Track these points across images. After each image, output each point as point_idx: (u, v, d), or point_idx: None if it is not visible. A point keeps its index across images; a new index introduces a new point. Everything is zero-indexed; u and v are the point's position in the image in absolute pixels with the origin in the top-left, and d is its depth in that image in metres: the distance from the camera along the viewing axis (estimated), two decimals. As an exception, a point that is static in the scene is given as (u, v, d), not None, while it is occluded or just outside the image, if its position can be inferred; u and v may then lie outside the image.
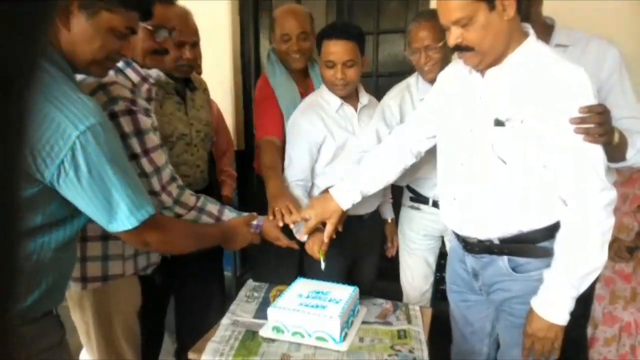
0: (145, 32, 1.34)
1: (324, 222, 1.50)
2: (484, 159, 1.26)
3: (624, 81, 1.41)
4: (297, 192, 1.70)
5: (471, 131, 1.29)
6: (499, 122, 1.22)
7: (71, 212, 1.01)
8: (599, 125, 1.12)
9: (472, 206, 1.32)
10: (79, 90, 0.98)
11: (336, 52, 1.62)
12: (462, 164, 1.33)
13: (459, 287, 1.50)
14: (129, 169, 1.07)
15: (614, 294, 1.98)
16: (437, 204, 1.67)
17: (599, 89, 1.33)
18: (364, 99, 1.79)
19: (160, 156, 1.34)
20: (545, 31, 1.47)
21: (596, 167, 1.15)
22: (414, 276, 1.97)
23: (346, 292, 1.41)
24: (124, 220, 1.05)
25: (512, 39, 1.18)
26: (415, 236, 1.93)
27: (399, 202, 2.03)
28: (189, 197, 1.41)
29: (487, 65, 1.22)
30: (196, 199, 1.44)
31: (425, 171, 1.75)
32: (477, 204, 1.31)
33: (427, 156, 1.57)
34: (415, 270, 1.97)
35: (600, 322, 2.00)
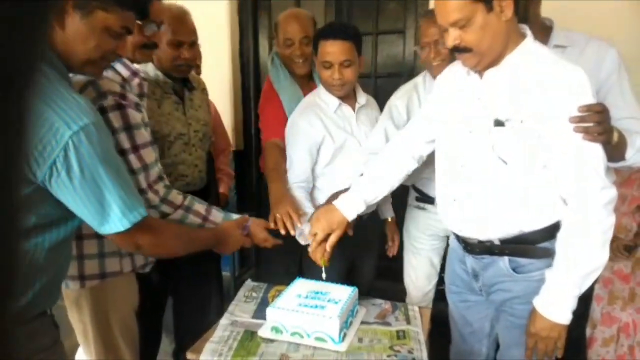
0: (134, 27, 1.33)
1: (330, 233, 1.48)
2: (484, 160, 1.26)
3: (622, 82, 1.41)
4: (299, 194, 1.69)
5: (470, 132, 1.29)
6: (498, 123, 1.22)
7: (65, 213, 1.00)
8: (598, 124, 1.12)
9: (473, 207, 1.32)
10: (73, 90, 0.97)
11: (333, 53, 1.62)
12: (462, 165, 1.33)
13: (459, 287, 1.50)
14: (121, 170, 1.06)
15: (613, 295, 1.98)
16: None
17: (598, 90, 1.33)
18: (362, 99, 1.79)
19: (149, 153, 1.33)
20: (543, 32, 1.47)
21: (596, 166, 1.15)
22: (418, 276, 1.97)
23: (345, 293, 1.41)
24: (116, 222, 1.03)
25: (510, 39, 1.19)
26: (420, 236, 1.93)
27: (405, 201, 2.03)
28: (176, 196, 1.40)
29: (485, 66, 1.22)
30: (183, 198, 1.42)
31: (431, 171, 1.74)
32: (477, 205, 1.31)
33: (433, 156, 1.56)
34: (419, 270, 1.97)
35: (598, 323, 2.00)
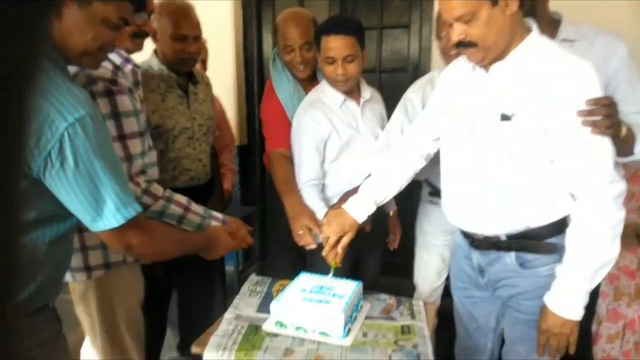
0: None
1: (342, 235, 1.48)
2: (490, 155, 1.25)
3: (632, 76, 1.39)
4: (312, 194, 1.67)
5: (476, 127, 1.28)
6: (505, 117, 1.21)
7: (64, 208, 0.99)
8: (605, 117, 1.11)
9: (479, 202, 1.31)
10: (71, 81, 0.95)
11: (336, 48, 1.59)
12: (467, 160, 1.32)
13: (464, 283, 1.50)
14: (117, 164, 1.03)
15: (619, 291, 1.97)
16: None
17: (607, 84, 1.32)
18: (366, 93, 1.77)
19: (136, 144, 1.31)
20: (551, 26, 1.46)
21: (604, 160, 1.14)
22: (429, 271, 1.98)
23: (350, 287, 1.41)
24: (109, 217, 1.00)
25: (516, 34, 1.18)
26: (433, 231, 1.93)
27: (417, 196, 2.02)
28: (157, 187, 1.38)
29: (490, 60, 1.21)
30: (163, 189, 1.39)
31: None
32: (483, 200, 1.30)
33: None
34: (430, 265, 1.97)
35: (604, 319, 1.99)
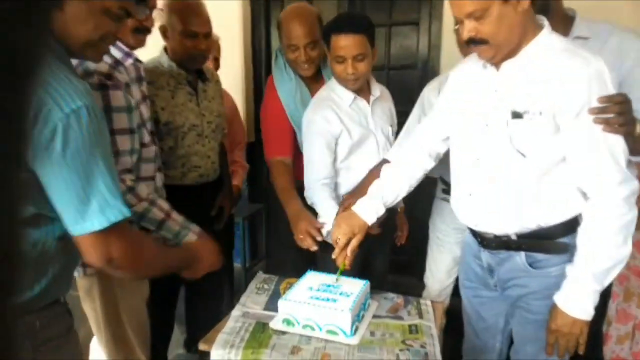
0: None
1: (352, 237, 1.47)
2: (501, 153, 1.24)
3: None
4: (324, 193, 1.66)
5: (487, 125, 1.27)
6: (516, 115, 1.19)
7: None
8: (618, 115, 1.10)
9: (489, 201, 1.30)
10: (72, 73, 0.93)
11: (346, 47, 1.57)
12: (477, 159, 1.31)
13: (473, 282, 1.49)
14: (110, 161, 0.97)
15: (628, 291, 1.95)
16: None
17: (621, 83, 1.30)
18: (376, 91, 1.76)
19: (124, 141, 1.29)
20: (565, 23, 1.44)
21: (617, 158, 1.12)
22: (439, 269, 1.98)
23: (357, 286, 1.40)
24: (92, 218, 0.91)
25: (527, 31, 1.16)
26: (445, 228, 1.92)
27: (427, 194, 2.01)
28: (143, 188, 1.35)
29: (501, 58, 1.20)
30: (148, 192, 1.37)
31: None
32: (494, 199, 1.29)
33: None
34: (441, 263, 1.97)
35: (613, 320, 1.98)
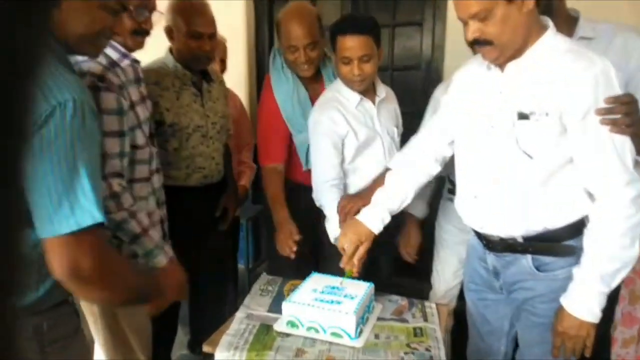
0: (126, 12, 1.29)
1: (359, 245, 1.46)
2: (507, 155, 1.23)
3: None
4: (331, 195, 1.64)
5: (492, 127, 1.26)
6: (523, 116, 1.18)
7: None
8: (625, 115, 1.09)
9: (495, 204, 1.29)
10: (66, 68, 0.92)
11: (351, 48, 1.57)
12: (482, 160, 1.30)
13: (478, 285, 1.48)
14: (95, 163, 0.91)
15: (634, 295, 1.93)
16: None
17: (627, 83, 1.30)
18: (382, 92, 1.75)
19: (113, 144, 1.27)
20: (569, 23, 1.44)
21: (624, 159, 1.12)
22: (444, 270, 1.97)
23: (361, 288, 1.40)
24: (61, 220, 0.85)
25: (532, 32, 1.16)
26: (451, 229, 1.91)
27: (438, 194, 1.99)
28: (128, 198, 1.30)
29: (506, 59, 1.20)
30: (132, 203, 1.31)
31: None
32: (500, 202, 1.28)
33: None
34: (446, 264, 1.96)
35: (619, 323, 1.96)
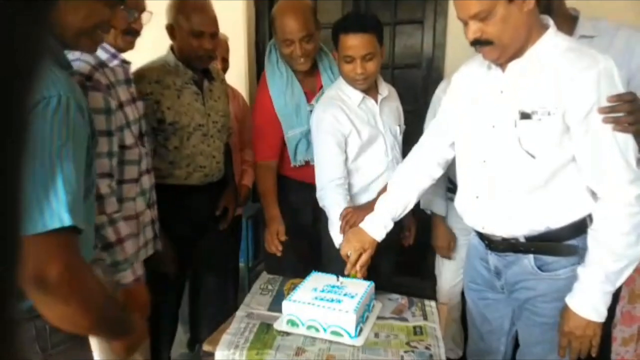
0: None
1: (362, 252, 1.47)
2: (509, 154, 1.23)
3: None
4: (337, 196, 1.63)
5: (493, 127, 1.26)
6: (525, 115, 1.18)
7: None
8: (628, 113, 1.09)
9: (497, 204, 1.29)
10: (57, 65, 0.90)
11: (354, 47, 1.56)
12: (484, 161, 1.30)
13: (479, 285, 1.48)
14: (76, 163, 0.85)
15: (634, 293, 1.94)
16: None
17: (629, 81, 1.30)
18: (384, 91, 1.75)
19: (102, 143, 1.24)
20: (569, 22, 1.44)
21: (627, 157, 1.12)
22: (447, 268, 1.98)
23: (361, 287, 1.40)
24: (29, 220, 0.79)
25: (532, 31, 1.16)
26: (452, 228, 1.91)
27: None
28: (112, 203, 1.26)
29: (507, 58, 1.20)
30: (117, 209, 1.27)
31: None
32: (502, 202, 1.28)
33: None
34: (448, 262, 1.98)
35: (618, 322, 1.96)
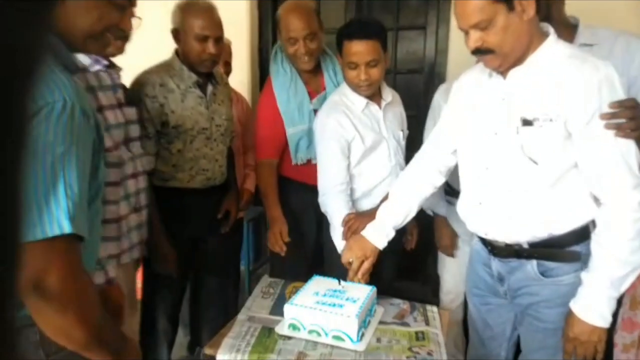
0: None
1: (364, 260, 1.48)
2: (512, 161, 1.24)
3: None
4: (339, 202, 1.64)
5: (496, 134, 1.26)
6: (527, 122, 1.19)
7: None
8: (630, 119, 1.10)
9: (500, 210, 1.29)
10: (60, 68, 0.87)
11: (358, 53, 1.56)
12: (487, 168, 1.30)
13: (481, 290, 1.47)
14: (79, 170, 0.84)
15: (635, 300, 1.94)
16: None
17: (629, 87, 1.30)
18: (388, 96, 1.75)
19: None
20: (568, 31, 1.45)
21: (629, 163, 1.12)
22: (448, 272, 1.98)
23: (364, 292, 1.40)
24: (29, 226, 0.78)
25: (533, 39, 1.17)
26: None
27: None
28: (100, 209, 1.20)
29: (508, 66, 1.21)
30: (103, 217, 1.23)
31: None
32: (505, 208, 1.28)
33: None
34: (449, 264, 1.98)
35: (619, 328, 1.96)
